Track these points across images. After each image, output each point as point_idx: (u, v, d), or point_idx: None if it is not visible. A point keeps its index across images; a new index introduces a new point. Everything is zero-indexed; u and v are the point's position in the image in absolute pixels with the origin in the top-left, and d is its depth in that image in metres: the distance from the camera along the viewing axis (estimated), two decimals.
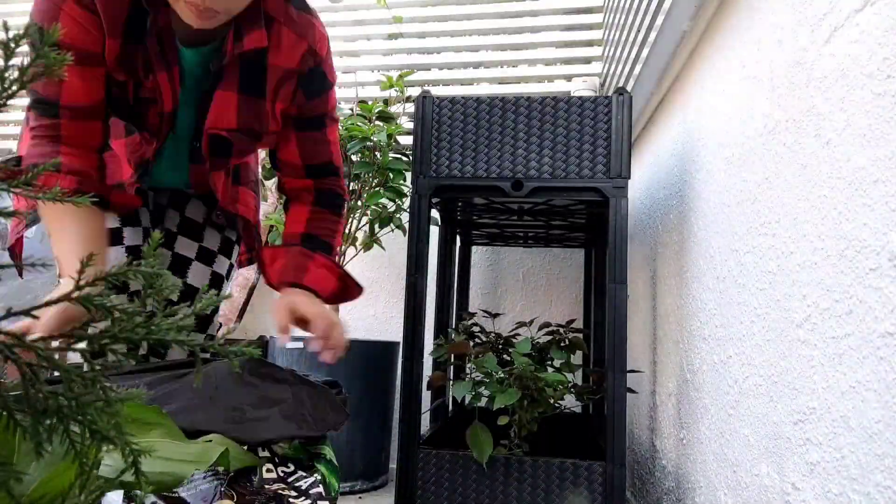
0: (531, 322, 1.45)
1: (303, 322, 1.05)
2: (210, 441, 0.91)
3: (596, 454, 1.34)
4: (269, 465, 0.88)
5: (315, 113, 1.13)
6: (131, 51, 0.98)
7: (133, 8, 0.97)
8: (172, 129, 1.07)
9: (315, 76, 1.10)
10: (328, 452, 0.97)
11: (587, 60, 2.25)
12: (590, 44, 2.25)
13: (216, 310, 1.23)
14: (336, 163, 1.19)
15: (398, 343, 1.87)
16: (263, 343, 1.85)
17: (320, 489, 0.88)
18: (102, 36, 0.97)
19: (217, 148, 1.10)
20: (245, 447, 0.88)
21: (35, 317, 0.40)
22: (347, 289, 1.14)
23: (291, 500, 0.85)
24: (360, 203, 1.90)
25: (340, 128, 1.86)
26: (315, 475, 0.90)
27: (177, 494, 0.81)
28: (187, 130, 1.10)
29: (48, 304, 0.42)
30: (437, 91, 2.30)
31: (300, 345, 1.72)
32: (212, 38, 1.04)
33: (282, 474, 0.88)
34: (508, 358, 1.37)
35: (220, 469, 0.85)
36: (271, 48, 1.05)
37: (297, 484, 0.88)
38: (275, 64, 1.06)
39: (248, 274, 2.11)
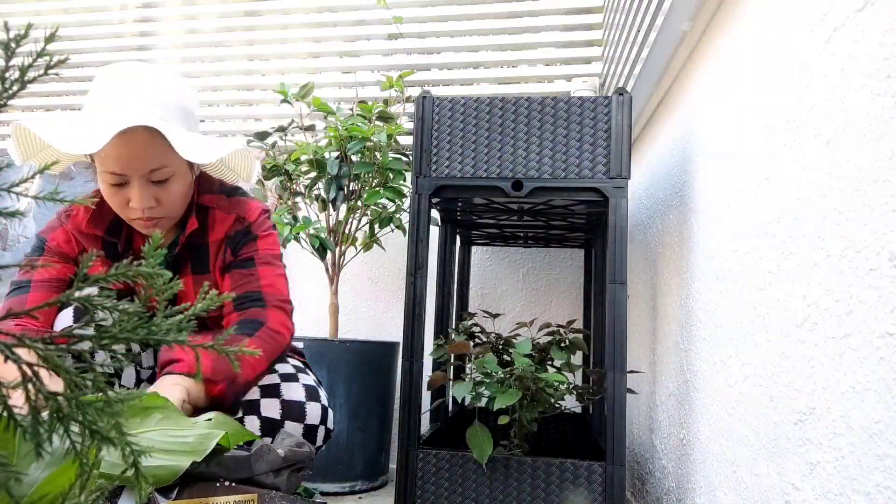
0: (531, 322, 1.45)
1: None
2: (210, 420, 0.91)
3: (596, 454, 1.34)
4: None
5: (243, 257, 1.28)
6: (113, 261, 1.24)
7: (104, 239, 1.26)
8: None
9: (240, 234, 1.29)
10: None
11: (587, 60, 2.25)
12: (590, 44, 2.25)
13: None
14: (265, 292, 1.24)
15: (398, 343, 1.87)
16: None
17: None
18: (80, 251, 1.25)
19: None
20: None
21: (35, 317, 0.40)
22: (228, 370, 1.15)
23: None
24: (360, 203, 1.90)
25: (341, 128, 1.86)
26: None
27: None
28: None
29: (48, 304, 0.42)
30: (437, 91, 2.30)
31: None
32: (169, 240, 1.29)
33: None
34: (509, 358, 1.37)
35: None
36: (208, 229, 1.28)
37: None
38: (212, 240, 1.29)
39: None
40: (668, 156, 1.41)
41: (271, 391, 1.33)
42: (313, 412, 1.32)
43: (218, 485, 0.88)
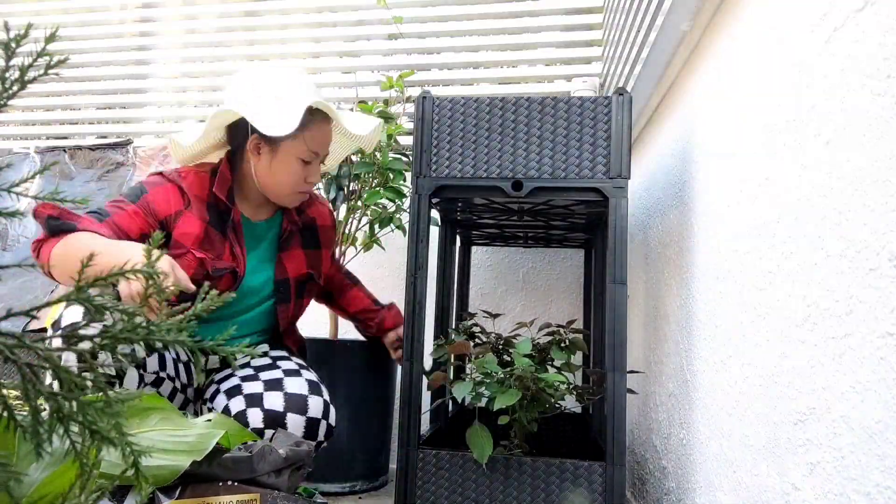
0: (531, 322, 1.45)
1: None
2: (209, 420, 0.91)
3: (596, 454, 1.34)
4: None
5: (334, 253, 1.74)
6: (212, 234, 1.41)
7: (210, 204, 1.43)
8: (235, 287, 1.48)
9: (332, 228, 1.66)
10: None
11: (587, 60, 2.25)
12: (590, 44, 2.25)
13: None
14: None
15: None
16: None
17: None
18: (173, 213, 1.38)
19: (298, 288, 1.55)
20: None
21: (35, 317, 0.40)
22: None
23: None
24: (360, 203, 1.90)
25: None
26: None
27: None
28: (263, 283, 1.50)
29: (48, 304, 0.42)
30: (437, 91, 2.30)
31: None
32: (270, 215, 1.53)
33: None
34: (509, 358, 1.37)
35: None
36: (313, 214, 1.59)
37: None
38: (321, 224, 1.61)
39: None
40: (668, 156, 1.41)
41: (274, 385, 1.34)
42: (316, 406, 1.34)
43: (220, 484, 0.88)
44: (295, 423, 1.31)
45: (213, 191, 1.42)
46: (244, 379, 1.37)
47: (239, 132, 1.43)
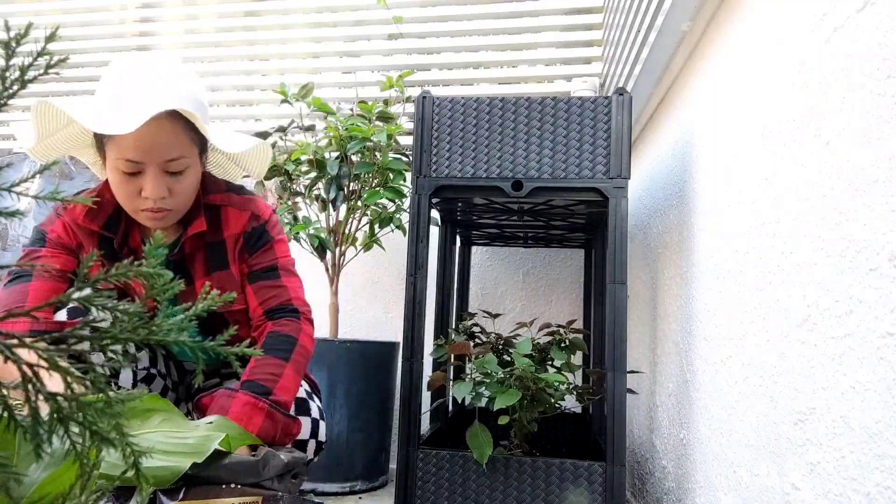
0: (532, 322, 1.45)
1: None
2: (210, 423, 0.91)
3: (596, 454, 1.34)
4: None
5: (265, 265, 1.28)
6: (111, 262, 1.22)
7: (101, 235, 1.23)
8: None
9: (256, 232, 1.28)
10: None
11: (587, 60, 2.25)
12: (590, 44, 2.25)
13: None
14: (295, 304, 1.25)
15: (398, 343, 1.87)
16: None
17: None
18: (79, 242, 1.23)
19: (213, 321, 1.29)
20: None
21: (35, 317, 0.40)
22: (284, 424, 1.13)
23: None
24: (360, 203, 1.90)
25: (341, 128, 1.86)
26: None
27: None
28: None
29: (48, 304, 0.42)
30: (437, 91, 2.30)
31: None
32: (172, 238, 1.27)
33: None
34: (509, 358, 1.37)
35: None
36: (222, 226, 1.27)
37: None
38: (226, 235, 1.27)
39: None
40: (668, 156, 1.41)
41: None
42: (315, 409, 1.31)
43: (223, 487, 0.88)
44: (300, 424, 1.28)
45: (80, 223, 1.22)
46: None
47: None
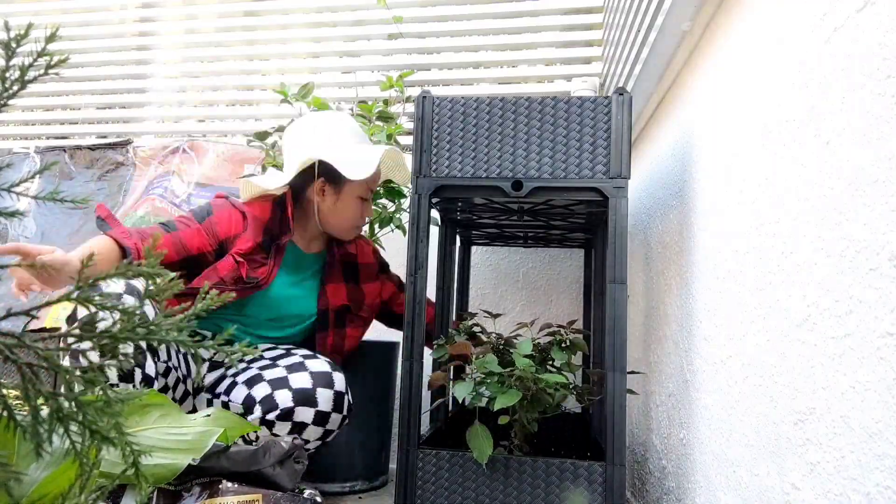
0: (532, 322, 1.45)
1: None
2: (208, 416, 0.91)
3: (596, 454, 1.34)
4: None
5: (396, 279, 1.84)
6: (257, 252, 1.53)
7: (268, 227, 1.55)
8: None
9: (383, 265, 1.80)
10: None
11: (587, 60, 2.25)
12: (590, 44, 2.25)
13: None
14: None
15: (398, 343, 1.87)
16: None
17: None
18: (233, 235, 1.52)
19: (336, 318, 1.67)
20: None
21: (35, 317, 0.40)
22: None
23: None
24: None
25: None
26: None
27: None
28: (305, 310, 1.65)
29: (48, 304, 0.42)
30: (437, 91, 2.30)
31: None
32: (320, 249, 1.68)
33: None
34: (509, 358, 1.37)
35: None
36: (356, 250, 1.72)
37: None
38: (362, 262, 1.73)
39: None
40: (668, 156, 1.41)
41: (297, 367, 1.45)
42: (339, 380, 1.46)
43: (223, 486, 0.89)
44: (324, 397, 1.41)
45: (272, 217, 1.56)
46: (263, 368, 1.46)
47: (305, 175, 1.55)
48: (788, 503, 0.73)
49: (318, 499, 1.21)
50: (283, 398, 1.38)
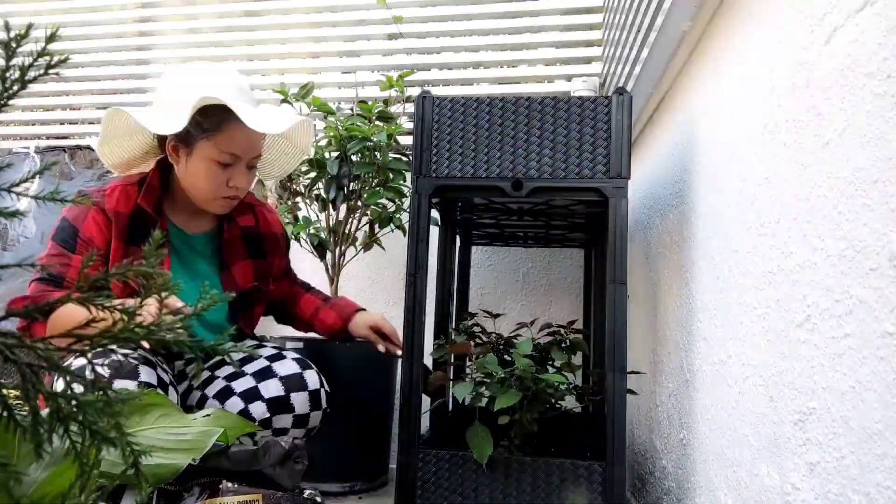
0: (532, 322, 1.45)
1: (375, 330, 1.60)
2: (208, 416, 0.92)
3: (596, 454, 1.34)
4: None
5: (287, 267, 1.69)
6: (134, 252, 1.36)
7: (133, 218, 1.37)
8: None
9: (285, 238, 1.66)
10: None
11: (587, 60, 2.25)
12: (590, 44, 2.25)
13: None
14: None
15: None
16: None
17: None
18: (110, 238, 1.35)
19: (246, 300, 1.52)
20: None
21: (35, 317, 0.40)
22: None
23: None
24: (360, 203, 1.90)
25: (341, 128, 1.86)
26: None
27: None
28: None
29: (48, 304, 0.42)
30: (437, 91, 2.30)
31: (300, 345, 1.72)
32: (209, 227, 1.50)
33: None
34: (509, 358, 1.37)
35: None
36: (260, 222, 1.56)
37: None
38: (266, 233, 1.56)
39: None
40: (668, 156, 1.41)
41: (265, 374, 1.38)
42: (312, 378, 1.40)
43: (223, 486, 0.89)
44: (300, 400, 1.36)
45: (139, 202, 1.37)
46: (229, 378, 1.37)
47: (163, 136, 1.37)
48: (788, 503, 0.73)
49: (318, 499, 1.21)
50: (259, 411, 1.32)
